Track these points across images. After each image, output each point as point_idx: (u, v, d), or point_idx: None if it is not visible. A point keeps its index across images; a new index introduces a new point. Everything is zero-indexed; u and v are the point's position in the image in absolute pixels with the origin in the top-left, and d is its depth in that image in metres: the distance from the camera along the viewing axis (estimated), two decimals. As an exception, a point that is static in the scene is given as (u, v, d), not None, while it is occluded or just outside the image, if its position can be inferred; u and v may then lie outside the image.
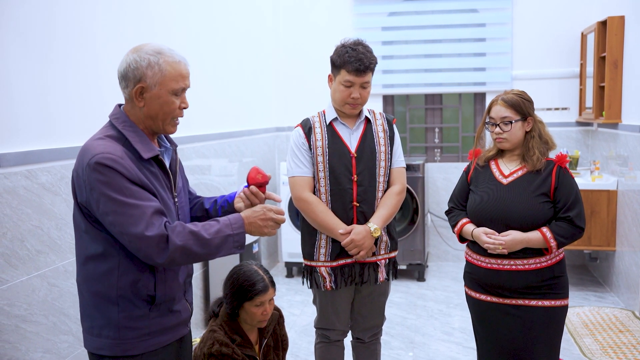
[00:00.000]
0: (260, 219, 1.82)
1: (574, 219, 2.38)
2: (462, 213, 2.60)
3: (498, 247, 2.39)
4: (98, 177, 1.63)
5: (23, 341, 2.40)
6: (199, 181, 4.08)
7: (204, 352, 2.32)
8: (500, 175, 2.50)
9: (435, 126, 5.92)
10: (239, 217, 1.80)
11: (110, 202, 1.63)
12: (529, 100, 2.47)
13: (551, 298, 2.41)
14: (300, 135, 2.62)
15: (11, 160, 2.36)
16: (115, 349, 1.76)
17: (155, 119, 1.77)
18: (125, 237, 1.65)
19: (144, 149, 1.74)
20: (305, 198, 2.58)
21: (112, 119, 1.79)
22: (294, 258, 5.36)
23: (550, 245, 2.37)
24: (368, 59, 2.48)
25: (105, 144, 1.69)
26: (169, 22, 3.74)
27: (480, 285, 2.50)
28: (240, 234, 1.77)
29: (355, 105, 2.56)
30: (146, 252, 1.65)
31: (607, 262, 4.88)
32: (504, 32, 5.52)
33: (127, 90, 1.75)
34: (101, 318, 1.76)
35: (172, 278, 1.82)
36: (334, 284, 2.63)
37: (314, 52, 5.76)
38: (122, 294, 1.73)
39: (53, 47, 2.63)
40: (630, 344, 3.70)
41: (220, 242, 1.73)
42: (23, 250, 2.42)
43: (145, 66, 1.71)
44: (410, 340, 3.96)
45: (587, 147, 5.48)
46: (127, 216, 1.63)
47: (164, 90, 1.74)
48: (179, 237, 1.67)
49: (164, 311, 1.81)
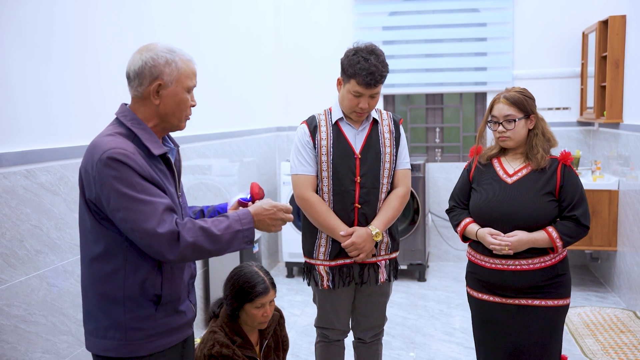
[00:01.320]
0: (269, 218, 1.84)
1: (579, 218, 2.37)
2: (464, 212, 2.57)
3: (504, 248, 2.37)
4: (110, 172, 1.63)
5: (22, 341, 2.39)
6: (199, 181, 4.07)
7: (204, 353, 2.32)
8: (505, 174, 2.47)
9: (436, 126, 5.91)
10: (247, 212, 1.80)
11: (121, 197, 1.63)
12: (531, 98, 2.45)
13: (554, 297, 2.40)
14: (305, 133, 2.61)
15: (10, 159, 2.35)
16: (122, 350, 1.75)
17: (170, 115, 1.78)
18: (137, 233, 1.64)
19: (154, 146, 1.75)
20: (308, 197, 2.57)
21: (119, 116, 1.79)
22: (294, 258, 5.35)
23: (557, 245, 2.36)
24: (379, 71, 2.43)
25: (115, 140, 1.69)
26: (169, 21, 3.73)
27: (484, 286, 2.49)
28: (250, 229, 1.78)
29: (362, 114, 2.54)
30: (158, 249, 1.65)
31: (609, 262, 4.87)
32: (505, 32, 5.51)
33: (140, 88, 1.75)
34: (107, 319, 1.75)
35: (178, 277, 1.83)
36: (331, 284, 2.62)
37: (314, 51, 5.76)
38: (129, 294, 1.73)
39: (53, 47, 2.62)
40: (631, 344, 3.69)
41: (230, 237, 1.74)
42: (22, 250, 2.41)
43: (163, 64, 1.73)
44: (411, 341, 3.95)
45: (588, 147, 5.47)
46: (138, 212, 1.63)
47: (180, 88, 1.76)
48: (189, 234, 1.67)
49: (170, 311, 1.81)
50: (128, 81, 1.78)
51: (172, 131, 1.86)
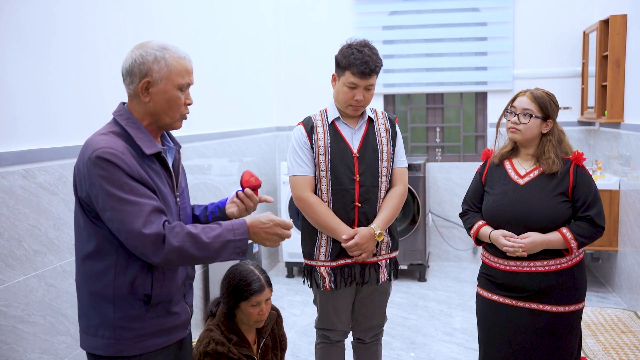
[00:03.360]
0: (264, 232, 1.79)
1: (594, 218, 2.34)
2: (477, 215, 2.55)
3: (518, 250, 2.34)
4: (98, 171, 1.63)
5: (20, 342, 2.38)
6: (199, 181, 4.06)
7: (199, 350, 2.33)
8: (516, 175, 2.45)
9: (437, 125, 5.90)
10: (243, 222, 1.76)
11: (109, 197, 1.63)
12: (556, 104, 2.43)
13: (566, 303, 2.37)
14: (302, 134, 2.60)
15: (9, 159, 2.34)
16: (111, 349, 1.74)
17: (161, 114, 1.76)
18: (123, 233, 1.64)
19: (147, 145, 1.73)
20: (306, 198, 2.56)
21: (115, 115, 1.79)
22: (294, 258, 5.35)
23: (571, 246, 2.33)
24: (374, 61, 2.45)
25: (107, 139, 1.69)
26: (169, 21, 3.72)
27: (498, 287, 2.46)
28: (243, 241, 1.73)
29: (358, 107, 2.54)
30: (142, 250, 1.64)
31: (609, 263, 4.85)
32: (505, 31, 5.50)
33: (132, 86, 1.75)
34: (97, 317, 1.74)
35: (170, 278, 1.80)
36: (333, 284, 2.61)
37: (314, 51, 5.75)
38: (119, 292, 1.72)
39: (52, 46, 2.61)
40: (632, 344, 3.68)
41: (220, 246, 1.70)
42: (20, 250, 2.40)
43: (152, 61, 1.72)
44: (411, 341, 3.94)
45: (589, 146, 5.46)
46: (125, 213, 1.62)
47: (170, 85, 1.74)
48: (176, 238, 1.65)
49: (162, 312, 1.80)
50: (122, 79, 1.78)
51: (168, 130, 1.85)
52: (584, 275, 2.44)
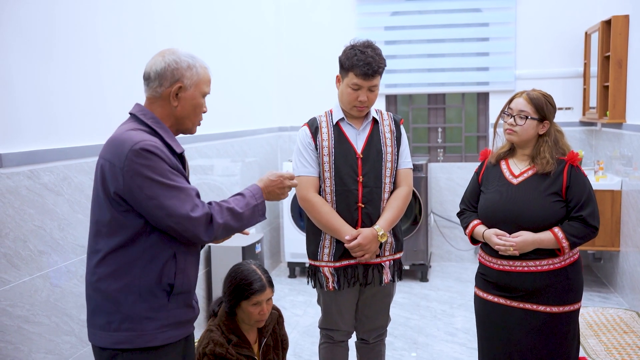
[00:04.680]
0: (278, 187, 1.96)
1: (586, 218, 2.33)
2: (473, 214, 2.56)
3: (509, 249, 2.35)
4: (143, 162, 1.70)
5: (25, 342, 2.39)
6: (201, 181, 4.07)
7: (199, 351, 2.35)
8: (510, 175, 2.46)
9: (439, 126, 5.91)
10: (257, 187, 1.93)
11: (156, 185, 1.70)
12: (553, 105, 2.44)
13: (560, 304, 2.37)
14: (307, 135, 2.61)
15: (13, 160, 2.35)
16: (137, 340, 1.78)
17: (185, 118, 1.87)
18: (173, 219, 1.72)
19: (175, 144, 1.84)
20: (310, 198, 2.57)
21: (139, 114, 1.84)
22: (296, 258, 5.35)
23: (563, 246, 2.33)
24: (377, 62, 2.45)
25: (143, 134, 1.77)
26: (170, 21, 3.73)
27: (492, 287, 2.47)
28: (263, 203, 1.91)
29: (362, 108, 2.55)
30: (194, 232, 1.75)
31: (611, 263, 4.86)
32: (507, 32, 5.50)
33: (160, 89, 1.82)
34: (120, 312, 1.77)
35: (190, 268, 1.88)
36: (336, 285, 2.61)
37: (316, 51, 5.75)
38: (145, 283, 1.77)
39: (55, 47, 2.62)
40: (634, 344, 3.68)
41: (250, 213, 1.87)
42: (25, 250, 2.41)
43: (185, 67, 1.82)
44: (413, 341, 3.94)
45: (591, 147, 5.46)
46: (174, 199, 1.72)
47: (198, 92, 1.86)
48: (219, 215, 1.79)
49: (181, 303, 1.85)
50: (147, 81, 1.84)
51: (185, 133, 1.93)
52: (580, 275, 2.44)
